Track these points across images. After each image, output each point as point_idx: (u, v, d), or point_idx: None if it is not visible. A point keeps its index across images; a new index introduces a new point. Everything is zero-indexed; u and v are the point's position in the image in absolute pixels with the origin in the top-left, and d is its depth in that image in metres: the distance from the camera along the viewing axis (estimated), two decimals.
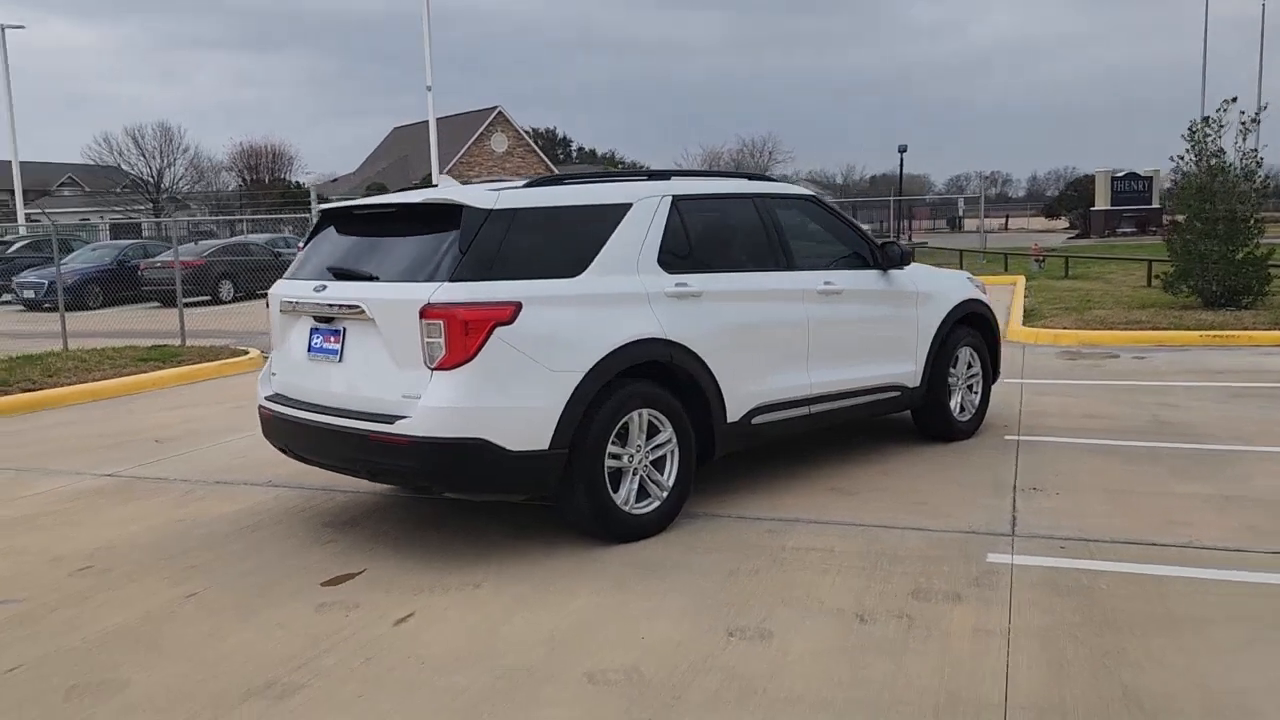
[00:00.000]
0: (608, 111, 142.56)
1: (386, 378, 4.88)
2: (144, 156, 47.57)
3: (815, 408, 6.20)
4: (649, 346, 5.22)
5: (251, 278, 22.96)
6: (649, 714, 3.43)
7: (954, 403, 7.25)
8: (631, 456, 5.22)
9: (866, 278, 6.63)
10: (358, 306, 4.97)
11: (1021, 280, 21.10)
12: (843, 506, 5.76)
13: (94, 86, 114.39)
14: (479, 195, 5.03)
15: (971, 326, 7.43)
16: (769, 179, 6.78)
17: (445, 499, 5.88)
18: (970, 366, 7.41)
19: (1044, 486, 6.07)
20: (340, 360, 5.14)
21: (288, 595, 4.61)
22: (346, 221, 5.58)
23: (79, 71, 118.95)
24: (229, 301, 23.59)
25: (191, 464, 7.20)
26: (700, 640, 4.01)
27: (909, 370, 6.86)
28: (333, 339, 5.17)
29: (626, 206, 5.43)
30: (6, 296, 24.96)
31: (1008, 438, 7.35)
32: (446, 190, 5.49)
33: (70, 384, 10.69)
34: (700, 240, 5.76)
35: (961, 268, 26.69)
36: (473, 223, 4.91)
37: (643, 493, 5.30)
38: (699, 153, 72.42)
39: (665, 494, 5.37)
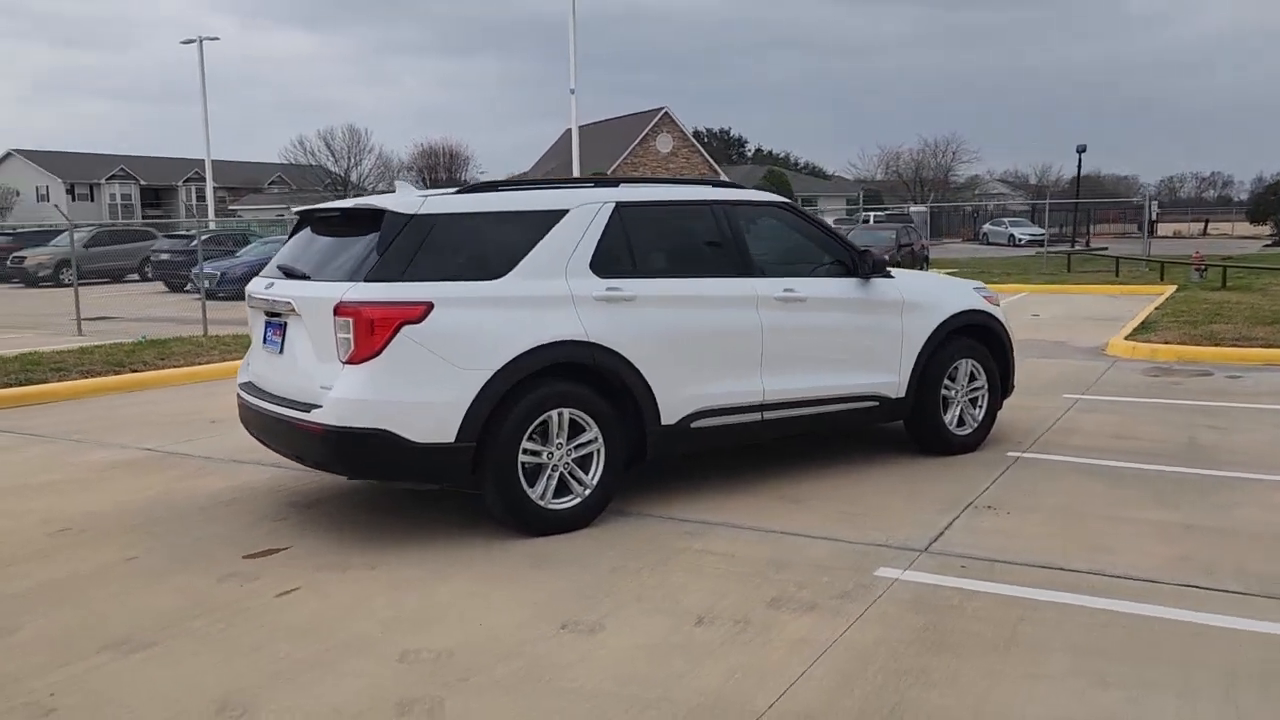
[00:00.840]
0: (787, 111, 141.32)
1: (311, 369, 5.28)
2: (333, 156, 50.74)
3: (771, 414, 6.22)
4: (568, 348, 5.41)
5: None
6: (425, 690, 3.66)
7: (950, 416, 7.09)
8: (551, 454, 5.43)
9: (838, 286, 6.58)
10: (289, 303, 5.39)
11: (1169, 290, 19.85)
12: (778, 513, 5.79)
13: (317, 91, 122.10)
14: (404, 201, 5.36)
15: (974, 338, 7.23)
16: (738, 186, 6.84)
17: (411, 489, 6.22)
18: (974, 379, 7.22)
19: (1001, 505, 5.90)
20: (281, 352, 5.58)
21: (207, 564, 5.07)
22: (308, 223, 6.03)
23: (307, 77, 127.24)
24: None
25: (220, 443, 7.86)
26: (531, 630, 4.20)
27: (890, 380, 6.76)
28: (277, 333, 5.62)
29: (561, 213, 5.64)
30: (189, 286, 27.19)
31: (1010, 454, 7.13)
32: (379, 196, 5.83)
33: (178, 366, 11.75)
34: (643, 246, 5.90)
35: (1117, 275, 25.43)
36: (392, 227, 5.24)
37: (564, 489, 5.50)
38: (876, 153, 70.98)
39: (588, 491, 5.55)
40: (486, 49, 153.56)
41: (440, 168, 55.75)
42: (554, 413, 5.41)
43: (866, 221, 33.77)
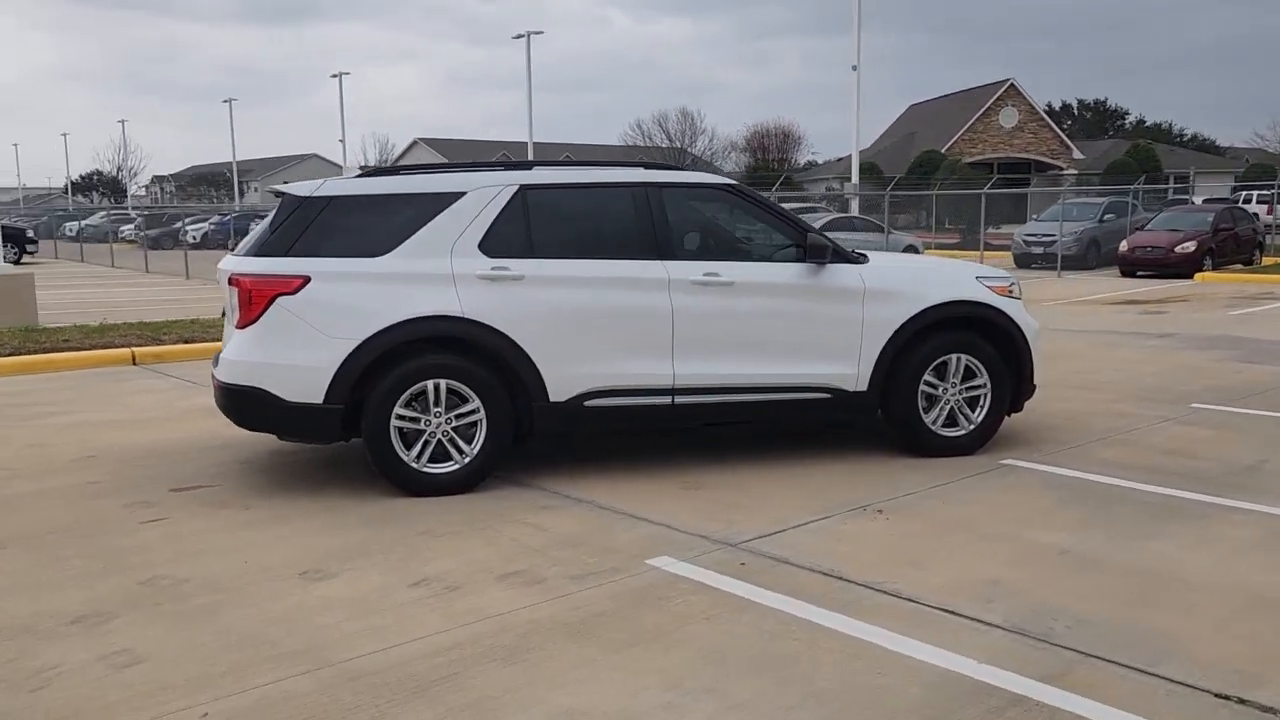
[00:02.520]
0: (1189, 79, 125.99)
1: (228, 333, 6.04)
2: (668, 138, 52.88)
3: (685, 399, 6.18)
4: (441, 323, 5.77)
5: None
6: (120, 607, 4.25)
7: (936, 415, 6.59)
8: (430, 421, 5.82)
9: (778, 271, 6.35)
10: (220, 274, 6.17)
11: None
12: (655, 497, 5.79)
13: (696, 73, 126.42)
14: (303, 185, 5.97)
15: (972, 331, 6.65)
16: (676, 169, 6.74)
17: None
18: (973, 376, 6.64)
19: (893, 511, 5.53)
20: (222, 316, 6.40)
21: (136, 492, 5.99)
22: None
23: (683, 61, 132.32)
24: None
25: None
26: (273, 572, 4.67)
27: (845, 372, 6.43)
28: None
29: (457, 195, 5.98)
30: None
31: (1005, 461, 6.52)
32: (296, 182, 6.40)
33: None
34: (543, 228, 6.08)
35: None
36: (285, 208, 5.88)
37: (445, 455, 5.87)
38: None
39: (468, 459, 5.89)
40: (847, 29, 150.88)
41: (771, 148, 56.29)
42: (430, 383, 5.79)
43: (1189, 203, 29.93)
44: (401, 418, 5.78)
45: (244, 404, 5.79)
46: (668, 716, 3.34)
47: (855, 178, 33.78)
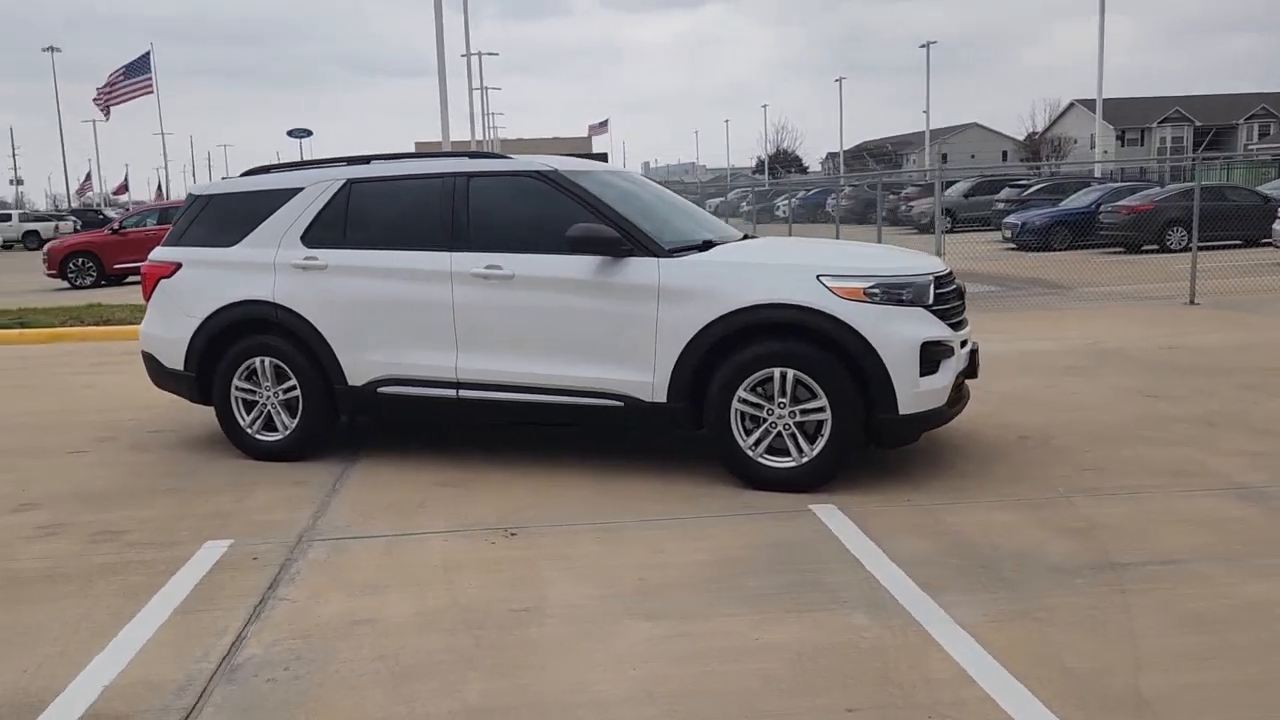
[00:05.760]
0: None
1: None
2: None
3: (470, 394, 6.07)
4: (255, 307, 6.45)
5: (1218, 225, 20.20)
6: None
7: (757, 440, 5.57)
8: (260, 394, 6.56)
9: (564, 264, 5.82)
10: None
11: None
12: (379, 490, 5.88)
13: None
14: (201, 185, 7.00)
15: (804, 341, 5.45)
16: (500, 157, 6.32)
17: None
18: (811, 397, 5.47)
19: (537, 537, 5.00)
20: None
21: (87, 444, 7.62)
22: None
23: None
24: (1177, 250, 22.15)
25: None
26: None
27: (640, 380, 5.72)
28: None
29: (296, 191, 6.55)
30: (1007, 234, 27.48)
31: (813, 506, 5.30)
32: (204, 183, 7.29)
33: None
34: (358, 219, 6.37)
35: None
36: (186, 203, 6.98)
37: (272, 425, 6.57)
38: None
39: (288, 431, 6.52)
40: None
41: None
42: (258, 359, 6.51)
43: None
44: (240, 389, 6.58)
45: (147, 366, 7.05)
46: None
47: None
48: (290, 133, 52.57)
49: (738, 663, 3.60)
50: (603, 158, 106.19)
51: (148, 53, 43.98)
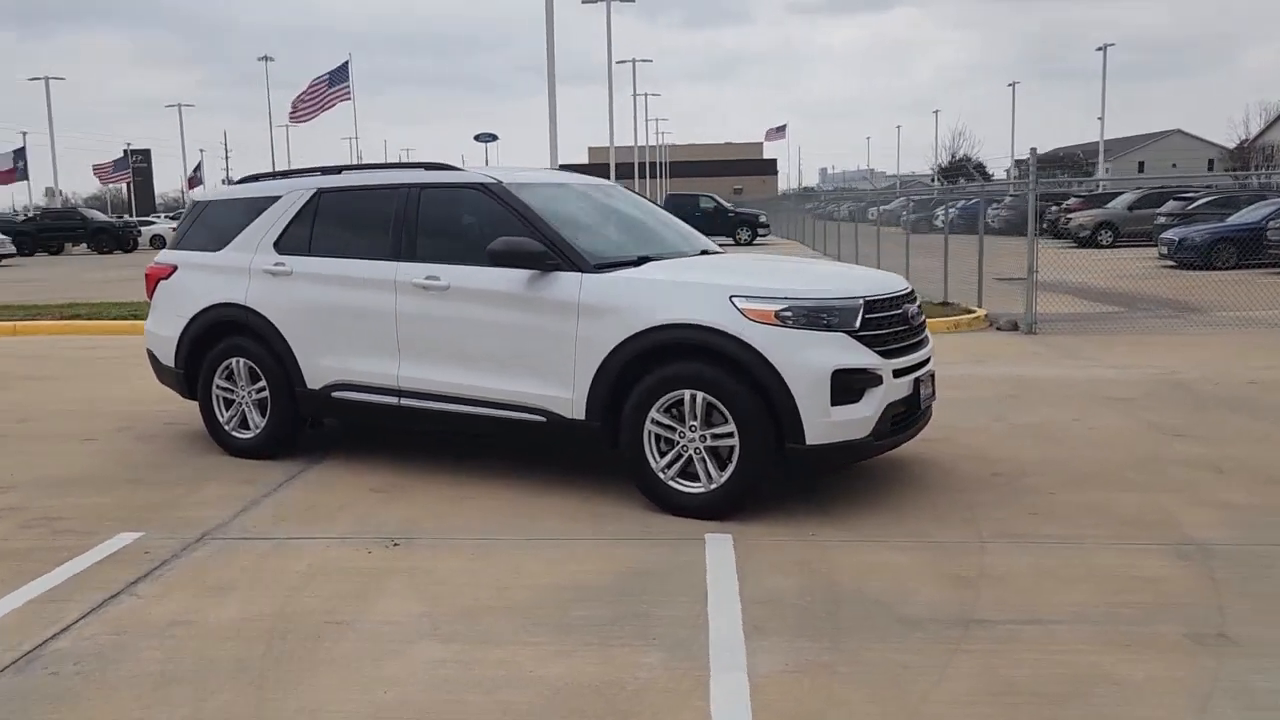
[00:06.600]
0: None
1: None
2: None
3: (410, 402, 6.17)
4: (229, 309, 6.74)
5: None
6: None
7: (669, 463, 5.43)
8: (237, 393, 6.85)
9: (494, 277, 5.81)
10: None
11: None
12: (314, 493, 6.03)
13: None
14: (201, 191, 7.33)
15: (714, 364, 5.27)
16: (452, 169, 6.31)
17: None
18: (725, 422, 5.28)
19: (415, 537, 5.03)
20: None
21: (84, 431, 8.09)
22: None
23: None
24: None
25: None
26: None
27: (560, 396, 5.67)
28: None
29: (275, 199, 6.80)
30: (1162, 250, 25.59)
31: (709, 535, 5.13)
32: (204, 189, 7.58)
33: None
34: (324, 227, 6.56)
35: None
36: (188, 209, 7.33)
37: (245, 424, 6.86)
38: None
39: (259, 430, 6.79)
40: None
41: None
42: (234, 360, 6.81)
43: None
44: (220, 387, 6.90)
45: (150, 363, 7.46)
46: None
47: None
48: (477, 137, 54.53)
49: (490, 694, 3.52)
50: (772, 164, 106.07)
51: (346, 62, 46.29)
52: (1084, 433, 7.18)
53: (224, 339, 6.83)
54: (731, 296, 5.28)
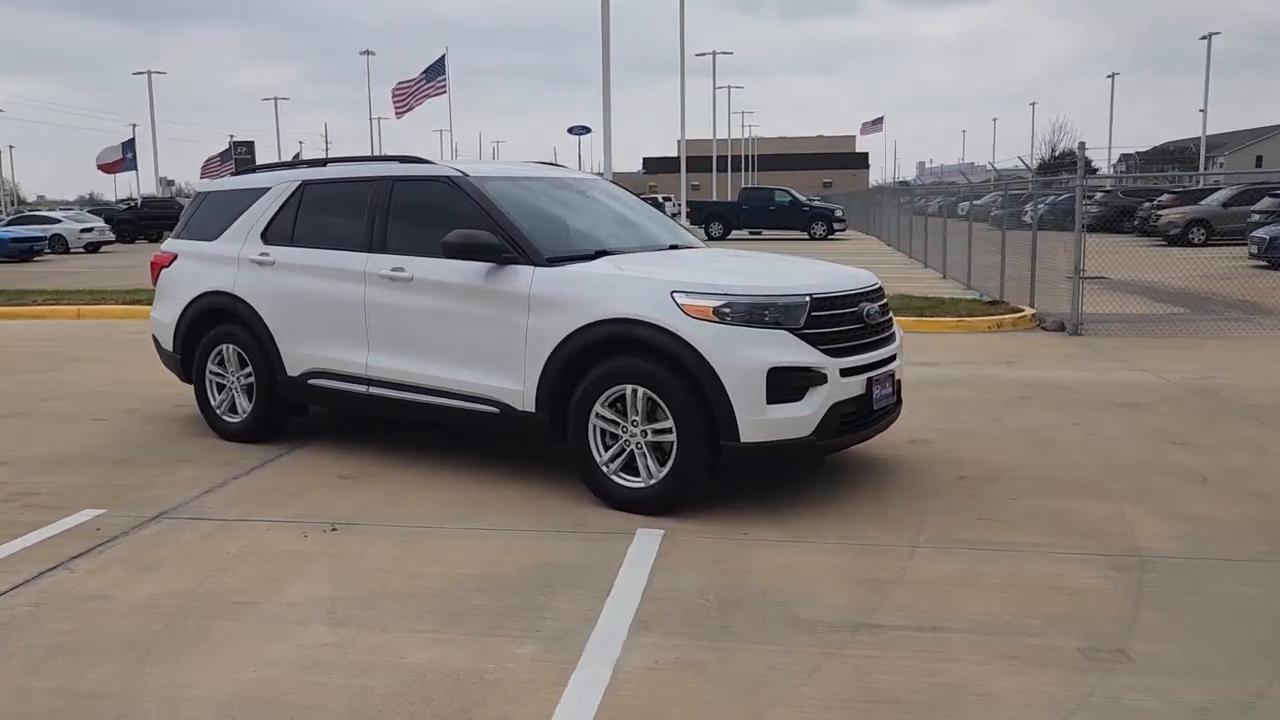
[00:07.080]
0: None
1: None
2: None
3: (378, 391, 6.28)
4: (218, 297, 6.96)
5: None
6: None
7: (612, 457, 5.43)
8: (228, 378, 7.07)
9: (452, 269, 5.87)
10: None
11: None
12: (282, 477, 6.19)
13: None
14: (202, 183, 7.57)
15: (651, 359, 5.25)
16: (422, 161, 6.36)
17: None
18: (665, 417, 5.26)
19: (358, 523, 5.14)
20: None
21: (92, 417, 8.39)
22: None
23: None
24: None
25: None
26: None
27: (511, 388, 5.71)
28: None
29: (265, 190, 6.99)
30: (1252, 249, 24.43)
31: (642, 530, 5.13)
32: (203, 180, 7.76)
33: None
34: (306, 219, 6.72)
35: None
36: (191, 200, 7.58)
37: (234, 410, 7.07)
38: None
39: (245, 415, 7.00)
40: None
41: None
42: (224, 346, 7.03)
43: None
44: (213, 372, 7.13)
45: (156, 350, 7.73)
46: None
47: None
48: (571, 130, 54.94)
49: (352, 679, 3.57)
50: (863, 158, 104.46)
51: (443, 56, 46.96)
52: (1079, 438, 6.93)
53: (215, 325, 7.05)
54: (673, 292, 5.24)
